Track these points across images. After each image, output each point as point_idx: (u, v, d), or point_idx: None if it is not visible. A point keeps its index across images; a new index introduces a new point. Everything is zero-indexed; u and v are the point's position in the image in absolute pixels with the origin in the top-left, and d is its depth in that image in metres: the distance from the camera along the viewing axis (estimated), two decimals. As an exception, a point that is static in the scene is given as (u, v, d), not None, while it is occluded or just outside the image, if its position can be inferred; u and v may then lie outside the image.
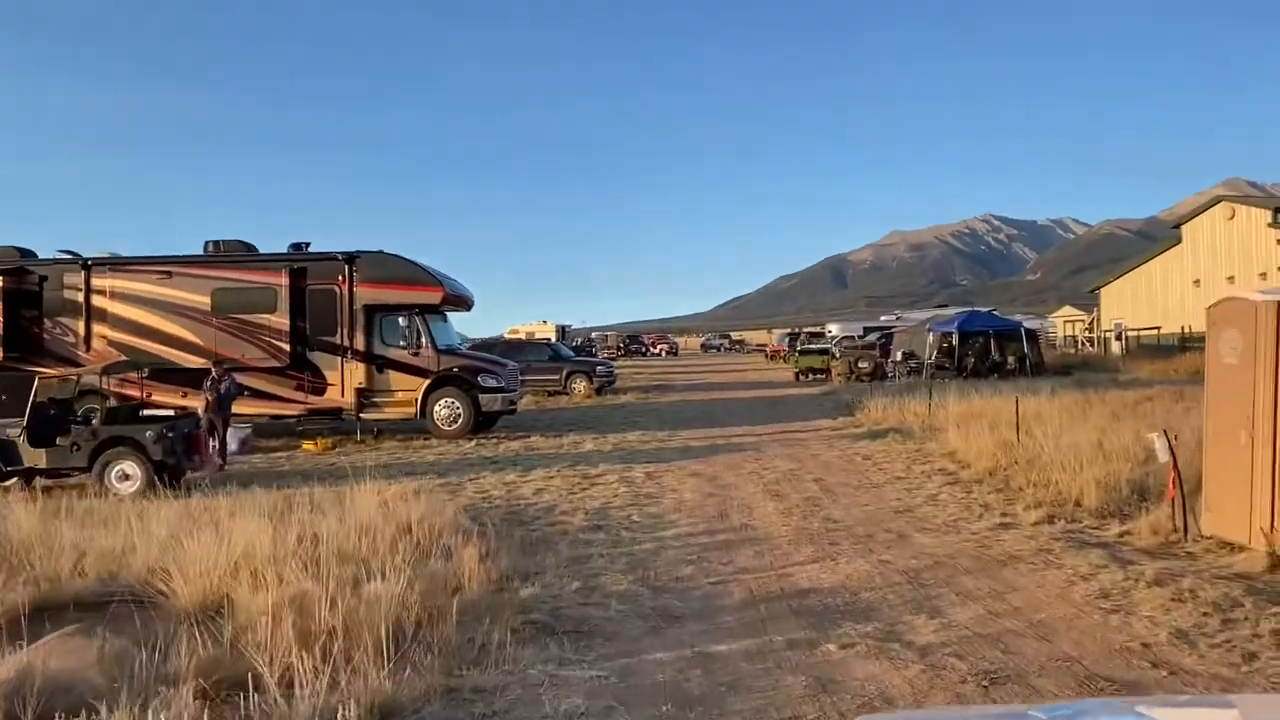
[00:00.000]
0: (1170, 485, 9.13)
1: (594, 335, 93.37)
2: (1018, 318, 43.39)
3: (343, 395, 18.72)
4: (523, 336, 63.55)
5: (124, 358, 18.06)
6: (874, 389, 28.39)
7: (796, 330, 71.17)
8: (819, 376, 37.33)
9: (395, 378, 18.80)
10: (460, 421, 18.66)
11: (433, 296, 18.80)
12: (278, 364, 18.59)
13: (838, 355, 35.14)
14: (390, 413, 18.85)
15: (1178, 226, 44.77)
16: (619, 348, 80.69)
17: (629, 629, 6.53)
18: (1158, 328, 42.06)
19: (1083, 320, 63.91)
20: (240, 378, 18.40)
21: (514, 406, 20.22)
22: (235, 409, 18.12)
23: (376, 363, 18.81)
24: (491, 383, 18.85)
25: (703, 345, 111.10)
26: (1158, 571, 7.39)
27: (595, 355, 61.59)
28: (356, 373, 18.70)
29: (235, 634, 5.81)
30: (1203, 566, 7.71)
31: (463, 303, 20.44)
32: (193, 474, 13.88)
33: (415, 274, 18.79)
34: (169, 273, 18.83)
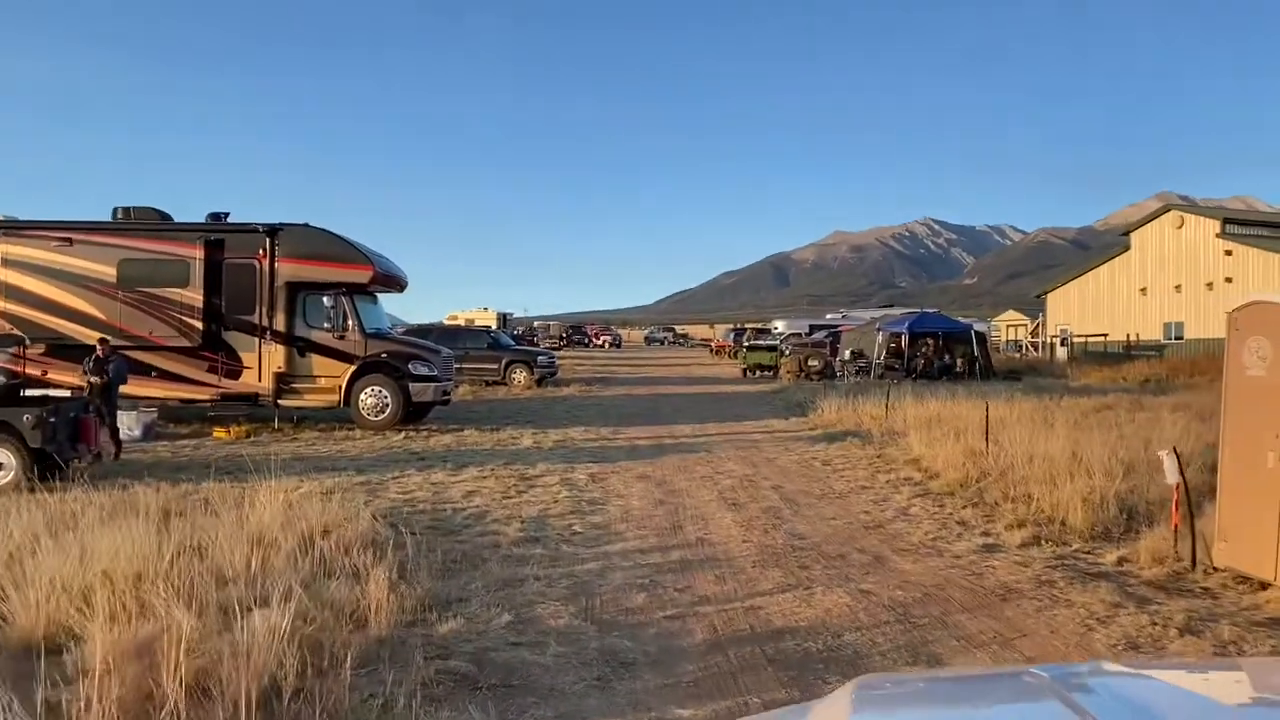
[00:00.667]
0: (1174, 509, 8.19)
1: (536, 324, 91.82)
2: (966, 321, 42.91)
3: (260, 379, 17.21)
4: (462, 323, 61.99)
5: (16, 331, 16.39)
6: (825, 388, 27.51)
7: (742, 326, 70.42)
8: (767, 373, 36.43)
9: (318, 362, 17.34)
10: (388, 412, 17.26)
11: (361, 275, 17.35)
12: (189, 343, 17.01)
13: (787, 353, 34.21)
14: (311, 400, 17.38)
15: (1126, 234, 44.71)
16: (561, 338, 79.36)
17: (569, 681, 5.30)
18: (1105, 335, 41.92)
19: (1025, 325, 64.09)
20: (148, 357, 16.87)
21: (448, 397, 18.86)
22: (142, 391, 16.57)
23: (298, 345, 17.33)
24: (423, 371, 17.47)
25: (646, 338, 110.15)
26: (1185, 615, 6.38)
27: (537, 345, 60.22)
28: (275, 356, 17.19)
29: (50, 698, 4.45)
30: (1230, 608, 6.72)
31: (394, 283, 18.99)
32: (79, 465, 12.34)
33: (343, 251, 17.33)
34: (69, 240, 17.11)
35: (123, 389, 16.04)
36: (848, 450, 15.36)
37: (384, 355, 17.35)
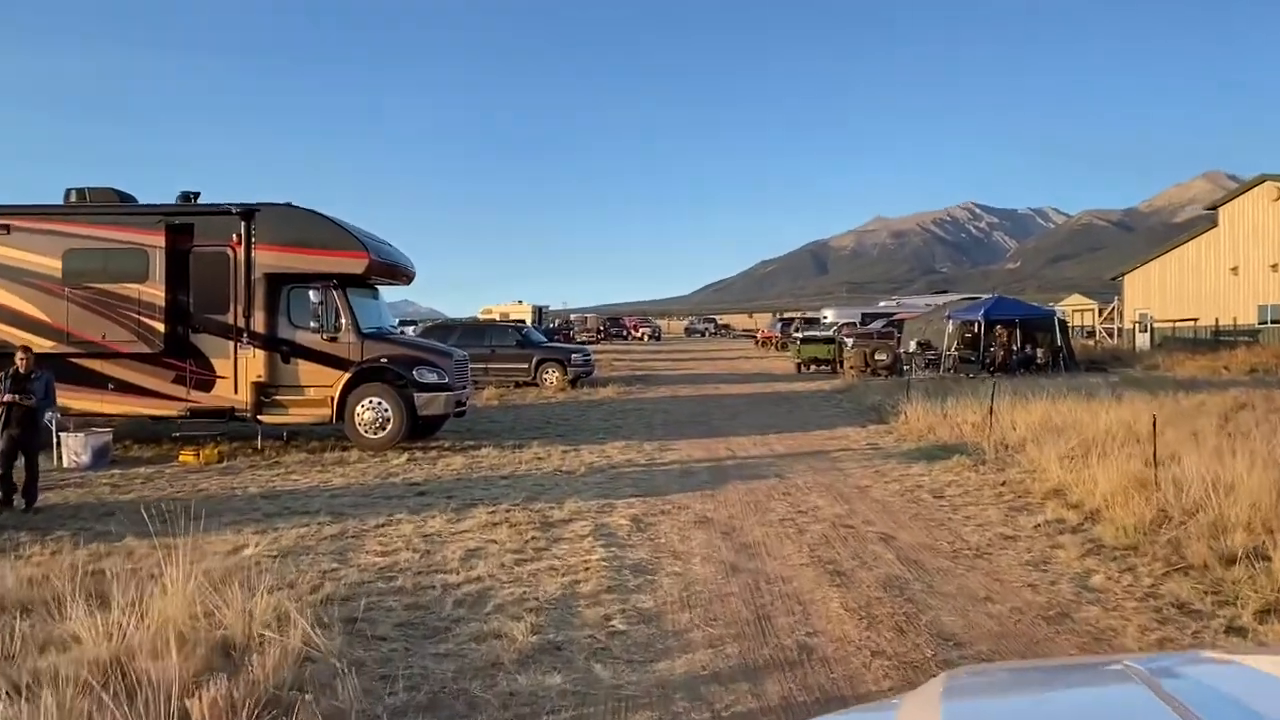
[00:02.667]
0: None
1: (572, 317, 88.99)
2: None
3: (235, 391, 14.36)
4: (496, 317, 59.35)
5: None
6: (896, 386, 24.28)
7: (789, 316, 66.98)
8: (824, 368, 33.19)
9: (305, 369, 14.45)
10: (389, 428, 14.33)
11: (355, 264, 14.41)
12: (150, 349, 14.19)
13: (849, 345, 30.92)
14: (298, 415, 14.50)
15: (1213, 208, 40.77)
16: (599, 331, 76.48)
17: None
18: (1194, 319, 38.16)
19: (1092, 309, 60.12)
20: (102, 366, 14.09)
21: (463, 407, 15.89)
22: (95, 407, 13.82)
23: (281, 349, 14.45)
24: (431, 378, 14.51)
25: (686, 329, 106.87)
26: None
27: (572, 339, 57.26)
28: (254, 362, 14.33)
29: None
30: None
31: (398, 274, 16.03)
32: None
33: (333, 235, 14.40)
34: (7, 227, 14.34)
35: (73, 405, 13.31)
36: (959, 474, 12.19)
37: (383, 360, 14.42)
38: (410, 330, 28.56)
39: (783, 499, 10.80)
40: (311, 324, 14.30)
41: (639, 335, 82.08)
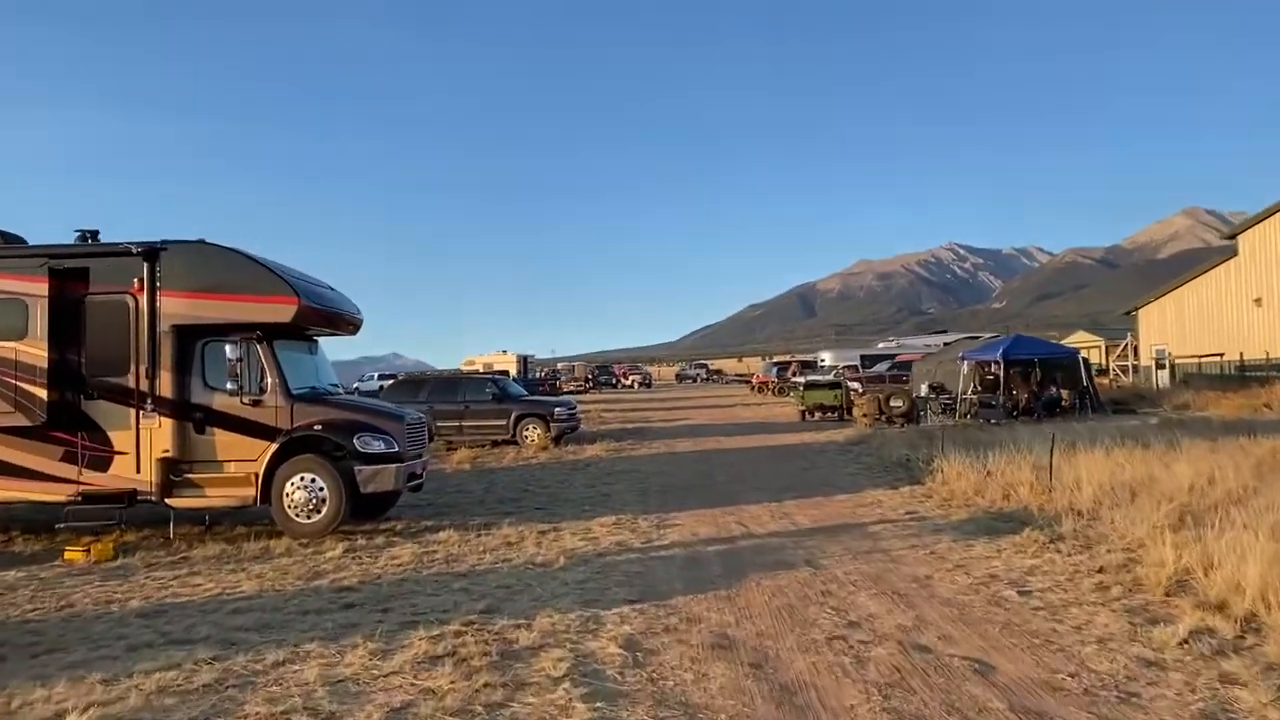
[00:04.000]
0: None
1: (559, 366, 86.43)
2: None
3: (138, 469, 11.74)
4: (480, 369, 56.83)
5: None
6: (916, 435, 21.82)
7: (784, 359, 64.53)
8: (830, 415, 30.67)
9: (223, 441, 11.85)
10: (325, 511, 11.70)
11: (282, 311, 11.85)
12: (30, 421, 11.58)
13: (858, 390, 28.41)
14: (215, 496, 11.85)
15: (1233, 237, 38.62)
16: (587, 380, 73.90)
17: None
18: (1220, 354, 35.84)
19: (1098, 346, 57.93)
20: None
21: (419, 479, 13.26)
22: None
23: (194, 417, 11.86)
24: (376, 446, 11.92)
25: (678, 375, 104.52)
26: None
27: (559, 390, 54.65)
28: (161, 433, 11.73)
29: None
30: None
31: (339, 322, 13.46)
32: None
33: (256, 278, 11.87)
34: None
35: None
36: (1037, 555, 9.64)
37: (317, 427, 11.83)
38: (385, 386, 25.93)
39: (823, 601, 8.22)
40: (229, 385, 11.72)
41: (629, 383, 79.54)
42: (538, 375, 63.80)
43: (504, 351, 68.70)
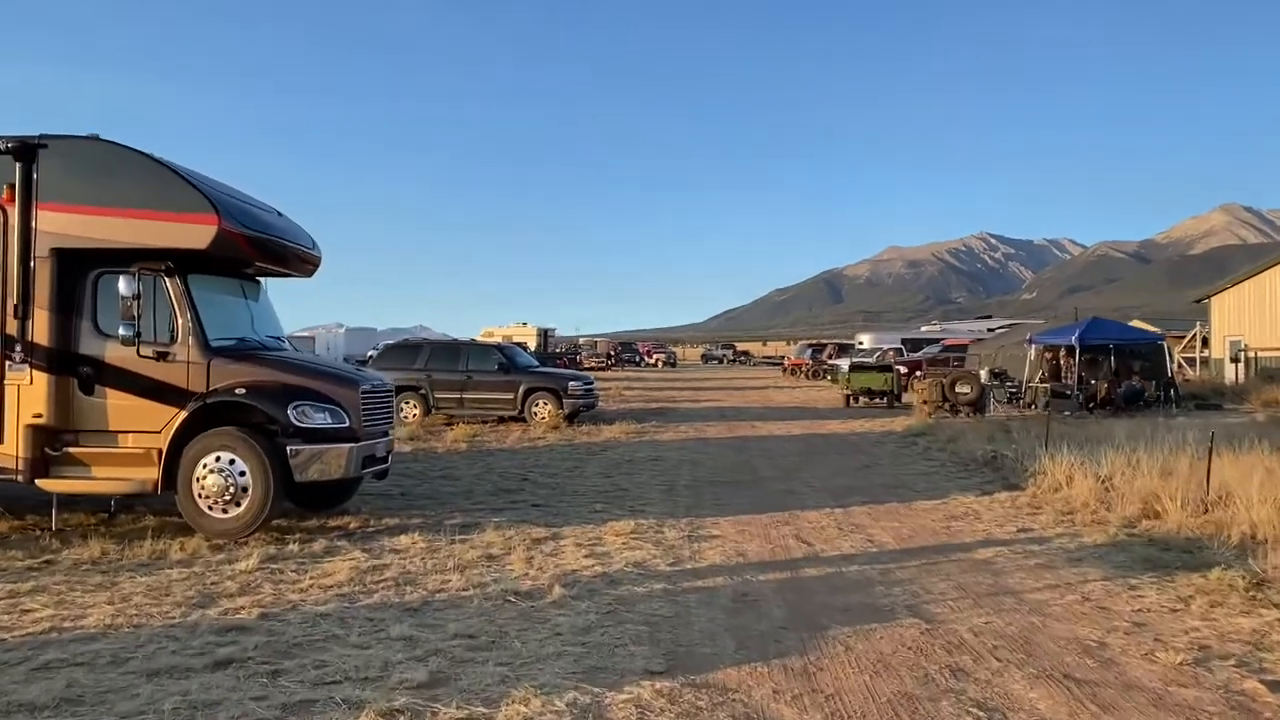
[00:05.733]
0: None
1: (581, 341, 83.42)
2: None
3: (2, 439, 8.84)
4: (499, 340, 53.99)
5: None
6: (989, 427, 18.72)
7: (822, 342, 61.20)
8: (878, 401, 27.53)
9: (117, 405, 8.90)
10: (247, 503, 8.72)
11: (198, 235, 8.83)
12: None
13: (921, 374, 25.21)
14: (104, 478, 8.92)
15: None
16: (609, 356, 70.85)
17: None
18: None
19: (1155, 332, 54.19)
20: None
21: (383, 464, 10.25)
22: None
23: (79, 372, 8.93)
24: (318, 419, 8.93)
25: (704, 356, 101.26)
26: None
27: (579, 365, 51.64)
28: (33, 393, 8.80)
29: None
30: None
31: (285, 255, 10.33)
32: None
33: (164, 189, 8.87)
34: None
35: None
36: (1247, 610, 6.55)
37: (240, 391, 8.85)
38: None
39: (957, 689, 5.18)
40: (126, 331, 8.76)
41: (653, 361, 76.47)
42: (558, 349, 60.81)
43: (524, 324, 65.61)
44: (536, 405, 20.90)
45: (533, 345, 58.04)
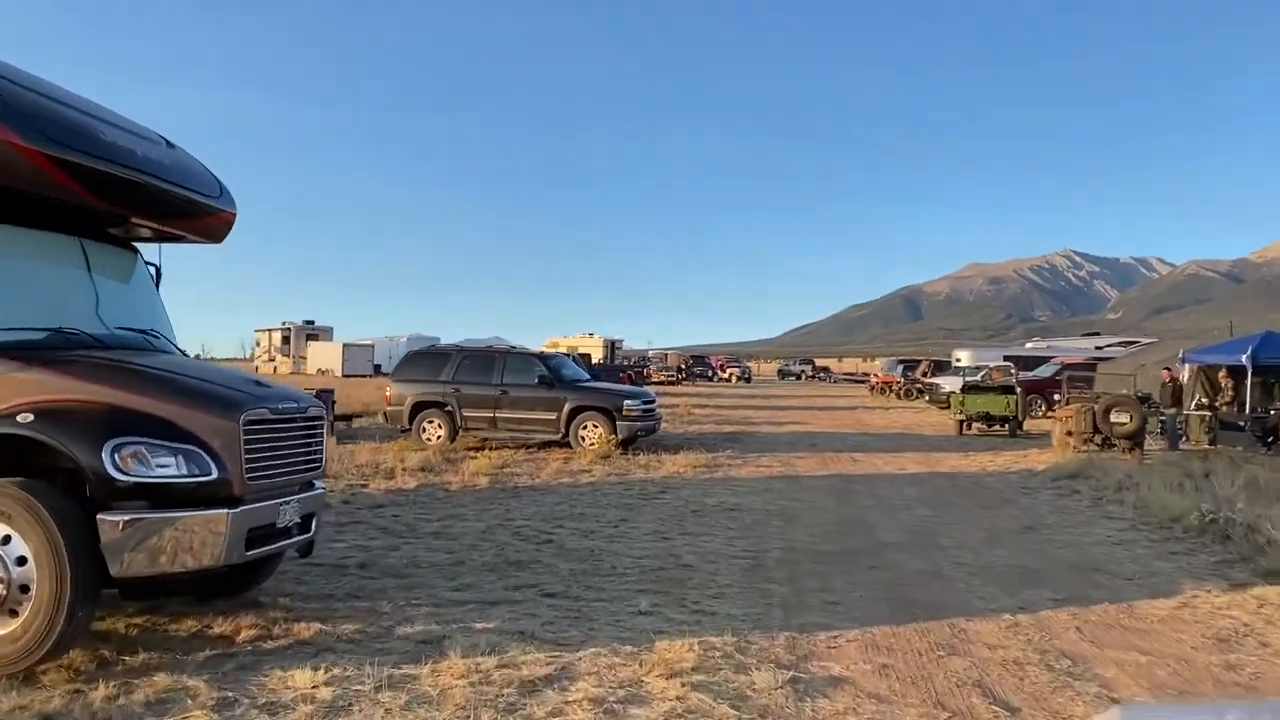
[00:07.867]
0: None
1: (651, 354, 79.62)
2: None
3: None
4: (564, 351, 50.32)
5: None
6: (1166, 468, 14.43)
7: (915, 359, 56.45)
8: (998, 427, 23.21)
9: None
10: (27, 614, 5.00)
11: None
12: None
13: (1066, 399, 20.76)
14: None
15: None
16: (680, 369, 66.92)
17: None
18: None
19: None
20: None
21: (304, 531, 6.45)
22: None
23: None
24: (163, 469, 5.18)
25: (780, 372, 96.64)
26: None
27: (645, 379, 47.82)
28: None
29: None
30: None
31: (151, 202, 6.57)
32: None
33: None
34: None
35: None
36: None
37: (25, 419, 5.13)
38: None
39: None
40: None
41: (726, 376, 72.37)
42: (626, 362, 57.09)
43: (590, 334, 62.19)
44: (584, 428, 17.08)
45: (598, 357, 54.52)
